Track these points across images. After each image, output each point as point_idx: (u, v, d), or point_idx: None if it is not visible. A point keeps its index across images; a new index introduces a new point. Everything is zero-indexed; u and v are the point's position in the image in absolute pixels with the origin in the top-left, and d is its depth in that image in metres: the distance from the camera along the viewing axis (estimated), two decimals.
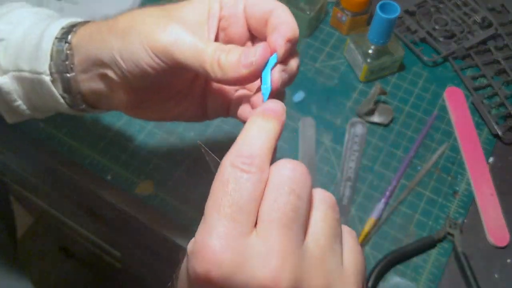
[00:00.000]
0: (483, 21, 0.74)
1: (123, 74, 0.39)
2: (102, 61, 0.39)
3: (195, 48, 0.36)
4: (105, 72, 0.40)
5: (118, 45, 0.38)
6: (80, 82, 0.42)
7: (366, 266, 0.32)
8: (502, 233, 0.58)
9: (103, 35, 0.39)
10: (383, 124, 0.66)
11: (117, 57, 0.38)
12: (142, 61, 0.37)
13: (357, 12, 0.70)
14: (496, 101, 0.68)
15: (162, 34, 0.36)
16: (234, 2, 0.39)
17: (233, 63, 0.35)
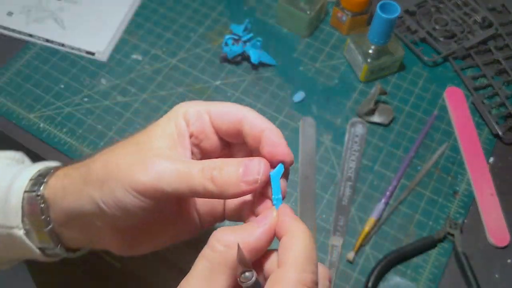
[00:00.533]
0: (483, 21, 0.74)
1: (109, 219, 0.37)
2: (83, 213, 0.37)
3: (180, 175, 0.34)
4: (88, 220, 0.38)
5: (98, 195, 0.36)
6: (59, 233, 0.40)
7: None
8: (503, 233, 0.58)
9: (78, 186, 0.37)
10: (383, 124, 0.66)
11: (100, 204, 0.36)
12: (129, 205, 0.35)
13: (357, 12, 0.70)
14: (496, 101, 0.68)
15: (143, 175, 0.34)
16: (198, 116, 0.37)
17: (232, 179, 0.33)
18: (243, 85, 0.68)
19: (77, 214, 0.38)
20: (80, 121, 0.64)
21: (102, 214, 0.36)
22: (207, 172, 0.34)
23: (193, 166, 0.34)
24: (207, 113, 0.37)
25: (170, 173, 0.34)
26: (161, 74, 0.69)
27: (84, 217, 0.38)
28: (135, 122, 0.64)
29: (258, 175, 0.33)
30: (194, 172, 0.34)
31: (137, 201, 0.35)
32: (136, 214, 0.36)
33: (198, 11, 0.75)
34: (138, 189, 0.34)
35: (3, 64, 0.68)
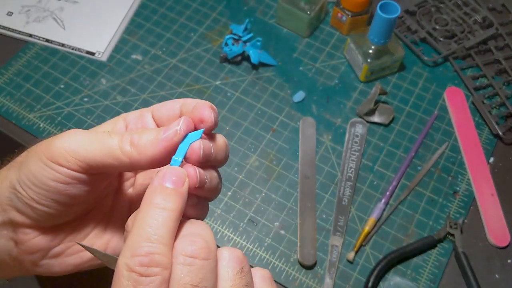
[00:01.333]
0: (483, 21, 0.74)
1: (28, 207, 0.32)
2: (2, 203, 0.33)
3: (99, 140, 0.31)
4: (7, 215, 0.34)
5: (16, 176, 0.32)
6: None
7: None
8: (503, 233, 0.58)
9: (2, 174, 0.34)
10: (383, 124, 0.65)
11: (16, 186, 0.32)
12: (45, 178, 0.31)
13: (357, 12, 0.70)
14: (496, 101, 0.68)
15: (59, 141, 0.31)
16: (139, 117, 0.36)
17: (151, 138, 0.31)
18: (243, 85, 0.68)
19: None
20: (80, 121, 0.64)
21: (17, 199, 0.33)
22: (127, 136, 0.31)
23: (113, 134, 0.32)
24: (149, 111, 0.36)
25: (86, 138, 0.31)
26: (161, 74, 0.69)
27: (2, 210, 0.34)
28: None
29: (177, 126, 0.31)
30: (113, 137, 0.31)
31: (53, 173, 0.31)
32: (57, 193, 0.32)
33: (198, 11, 0.75)
34: (52, 156, 0.31)
35: (3, 64, 0.68)
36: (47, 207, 0.32)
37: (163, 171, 0.29)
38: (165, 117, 0.35)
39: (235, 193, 0.60)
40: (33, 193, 0.32)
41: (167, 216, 0.27)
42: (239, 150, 0.63)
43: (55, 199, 0.32)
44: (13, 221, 0.33)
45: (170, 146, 0.30)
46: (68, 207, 0.33)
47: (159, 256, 0.26)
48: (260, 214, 0.59)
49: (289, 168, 0.62)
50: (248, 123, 0.65)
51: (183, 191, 0.28)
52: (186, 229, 0.28)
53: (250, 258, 0.56)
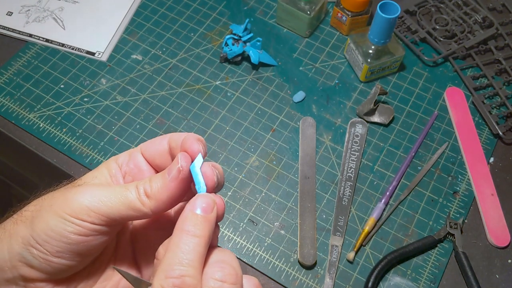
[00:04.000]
0: (483, 20, 0.74)
1: (43, 262, 0.33)
2: (12, 260, 0.33)
3: (117, 195, 0.33)
4: (18, 272, 0.33)
5: (29, 232, 0.33)
6: None
7: None
8: (503, 233, 0.58)
9: (9, 230, 0.34)
10: (383, 124, 0.65)
11: (31, 242, 0.32)
12: (67, 232, 0.32)
13: (357, 12, 0.70)
14: (496, 101, 0.68)
15: (79, 197, 0.32)
16: (129, 156, 0.38)
17: (161, 184, 0.33)
18: (243, 85, 0.68)
19: (4, 264, 0.34)
20: (80, 121, 0.64)
21: (31, 256, 0.33)
22: (140, 188, 0.33)
23: (128, 186, 0.34)
24: (138, 151, 0.38)
25: (105, 193, 0.33)
26: (161, 74, 0.69)
27: (12, 267, 0.33)
28: (135, 122, 0.64)
29: (177, 164, 0.33)
30: (131, 188, 0.33)
31: (73, 227, 0.32)
32: (71, 246, 0.32)
33: (198, 11, 0.75)
34: (73, 212, 0.32)
35: (3, 64, 0.68)
36: (65, 259, 0.33)
37: (194, 199, 0.31)
38: (156, 154, 0.37)
39: (235, 193, 0.60)
40: (51, 247, 0.32)
41: (196, 242, 0.30)
42: (239, 150, 0.63)
43: (74, 251, 0.33)
44: (25, 276, 0.33)
45: (179, 183, 0.33)
46: (85, 257, 0.34)
47: (190, 279, 0.28)
48: (260, 214, 0.59)
49: (289, 168, 0.62)
50: (248, 123, 0.65)
51: (211, 217, 0.31)
52: (215, 256, 0.31)
53: (250, 258, 0.56)
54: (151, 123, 0.64)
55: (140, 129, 0.64)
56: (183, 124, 0.64)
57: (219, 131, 0.64)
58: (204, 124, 0.65)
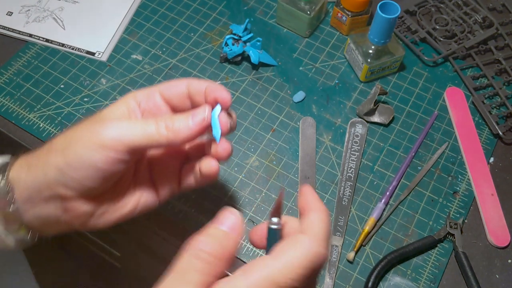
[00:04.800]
0: (483, 20, 0.74)
1: (72, 184, 0.39)
2: (47, 182, 0.40)
3: (138, 127, 0.39)
4: (53, 193, 0.40)
5: (61, 159, 0.39)
6: (23, 212, 0.41)
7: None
8: (503, 233, 0.58)
9: (41, 158, 0.40)
10: (383, 124, 0.65)
11: (63, 168, 0.39)
12: (96, 161, 0.38)
13: (357, 12, 0.70)
14: (496, 101, 0.68)
15: (105, 130, 0.39)
16: (149, 96, 0.44)
17: (183, 125, 0.40)
18: (243, 85, 0.68)
19: (41, 185, 0.40)
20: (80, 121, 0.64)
21: (65, 179, 0.39)
22: (161, 122, 0.40)
23: (148, 121, 0.40)
24: (158, 91, 0.44)
25: (128, 126, 0.39)
26: (161, 74, 0.69)
27: (48, 188, 0.40)
28: None
29: (204, 113, 0.41)
30: (150, 124, 0.40)
31: (101, 156, 0.38)
32: (101, 171, 0.39)
33: (198, 11, 0.75)
34: (102, 144, 0.38)
35: (2, 64, 0.68)
36: (93, 183, 0.39)
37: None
38: (174, 96, 0.44)
39: (235, 193, 0.60)
40: (81, 173, 0.39)
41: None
42: (239, 150, 0.63)
43: (101, 176, 0.39)
44: (61, 195, 0.40)
45: (200, 130, 0.40)
46: (110, 180, 0.40)
47: None
48: (260, 214, 0.59)
49: (289, 168, 0.62)
50: (248, 123, 0.65)
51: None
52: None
53: (250, 258, 0.56)
54: None
55: None
56: None
57: None
58: None
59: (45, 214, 0.42)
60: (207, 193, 0.60)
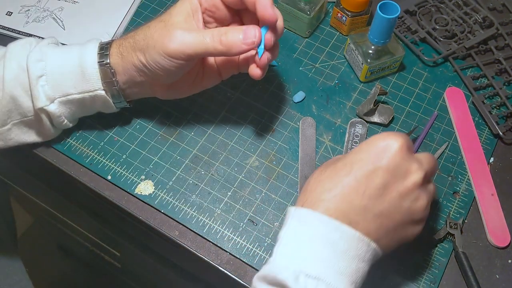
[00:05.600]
0: (484, 20, 0.74)
1: (154, 78, 0.54)
2: (137, 71, 0.54)
3: (196, 40, 0.50)
4: (141, 79, 0.55)
5: (143, 58, 0.53)
6: (124, 89, 0.57)
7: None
8: (503, 233, 0.58)
9: (129, 53, 0.54)
10: (383, 124, 0.65)
11: (146, 65, 0.53)
12: (165, 65, 0.52)
13: (357, 12, 0.70)
14: (496, 101, 0.68)
15: (171, 43, 0.50)
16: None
17: (235, 41, 0.50)
18: (243, 85, 0.68)
19: (133, 73, 0.55)
20: (80, 121, 0.64)
21: (147, 73, 0.54)
22: (216, 36, 0.50)
23: (206, 34, 0.50)
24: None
25: (189, 39, 0.50)
26: None
27: (136, 75, 0.55)
28: (135, 122, 0.64)
29: (254, 38, 0.50)
30: (207, 37, 0.50)
31: (169, 62, 0.51)
32: (171, 72, 0.52)
33: None
34: (168, 53, 0.51)
35: None
36: (165, 78, 0.54)
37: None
38: (230, 1, 0.54)
39: (235, 193, 0.60)
40: (156, 71, 0.53)
41: None
42: (239, 150, 0.63)
43: (170, 74, 0.53)
44: (147, 82, 0.56)
45: (249, 49, 0.51)
46: (179, 75, 0.55)
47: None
48: (260, 214, 0.59)
49: (289, 168, 0.62)
50: (248, 123, 0.65)
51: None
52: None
53: (250, 258, 0.56)
54: (151, 123, 0.64)
55: (140, 129, 0.64)
56: (183, 124, 0.64)
57: (219, 131, 0.64)
58: (204, 124, 0.65)
59: (136, 91, 0.58)
60: (207, 193, 0.60)
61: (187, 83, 0.58)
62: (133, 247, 0.82)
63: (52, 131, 0.59)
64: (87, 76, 0.54)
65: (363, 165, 0.44)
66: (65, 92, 0.55)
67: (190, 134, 0.64)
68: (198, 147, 0.63)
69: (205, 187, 0.60)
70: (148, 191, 0.59)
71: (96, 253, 1.04)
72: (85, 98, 0.56)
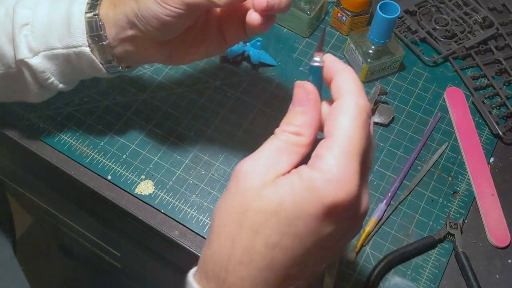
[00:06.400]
0: (484, 20, 0.74)
1: (148, 30, 0.47)
2: (129, 22, 0.47)
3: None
4: (133, 33, 0.48)
5: (136, 7, 0.46)
6: (113, 47, 0.49)
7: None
8: (503, 233, 0.58)
9: (122, 0, 0.47)
10: (383, 124, 0.65)
11: (139, 15, 0.46)
12: (159, 13, 0.44)
13: (357, 12, 0.70)
14: (496, 101, 0.68)
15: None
16: None
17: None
18: (243, 85, 0.68)
19: (124, 25, 0.48)
20: (80, 121, 0.64)
21: (139, 25, 0.46)
22: None
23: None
24: None
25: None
26: (161, 74, 0.69)
27: (130, 28, 0.47)
28: (135, 122, 0.64)
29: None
30: None
31: (164, 10, 0.44)
32: (166, 23, 0.45)
33: None
34: (168, 1, 0.44)
35: None
36: (160, 31, 0.47)
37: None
38: None
39: None
40: (150, 21, 0.45)
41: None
42: (239, 150, 0.63)
43: (166, 27, 0.46)
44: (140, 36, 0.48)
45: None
46: (175, 30, 0.48)
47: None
48: None
49: None
50: (248, 123, 0.65)
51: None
52: None
53: None
54: (151, 123, 0.64)
55: (140, 129, 0.64)
56: (183, 124, 0.64)
57: (219, 131, 0.64)
58: (204, 124, 0.65)
59: (129, 50, 0.50)
60: (207, 193, 0.60)
61: (186, 44, 0.51)
62: (133, 247, 0.82)
63: (37, 90, 0.53)
64: (72, 29, 0.48)
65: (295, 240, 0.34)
66: (50, 46, 0.49)
67: (190, 134, 0.64)
68: (198, 147, 0.63)
69: (205, 187, 0.60)
70: (148, 191, 0.59)
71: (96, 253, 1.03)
72: (70, 54, 0.49)
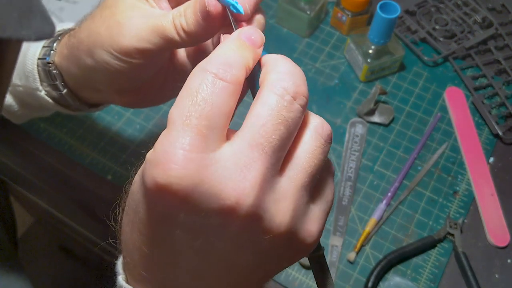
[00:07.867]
0: (483, 21, 0.74)
1: (110, 84, 0.40)
2: (86, 77, 0.41)
3: (155, 30, 0.35)
4: (94, 86, 0.42)
5: (90, 61, 0.39)
6: (75, 92, 0.44)
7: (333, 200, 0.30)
8: (503, 233, 0.58)
9: (75, 55, 0.41)
10: (383, 124, 0.65)
11: (97, 71, 0.39)
12: (119, 67, 0.38)
13: (357, 12, 0.70)
14: (496, 101, 0.68)
15: (122, 38, 0.36)
16: None
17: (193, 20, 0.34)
18: None
19: (82, 79, 0.42)
20: (80, 121, 0.64)
21: (97, 78, 0.40)
22: (177, 20, 0.35)
23: (164, 19, 0.35)
24: None
25: (146, 30, 0.35)
26: None
27: (88, 81, 0.42)
28: (135, 122, 0.64)
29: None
30: (166, 24, 0.35)
31: (123, 62, 0.37)
32: (129, 74, 0.38)
33: None
34: (122, 51, 0.36)
35: None
36: (120, 84, 0.40)
37: (240, 32, 0.29)
38: None
39: None
40: (107, 76, 0.39)
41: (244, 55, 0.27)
42: None
43: (126, 78, 0.39)
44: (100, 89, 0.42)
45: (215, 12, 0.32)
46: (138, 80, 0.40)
47: (236, 71, 0.26)
48: None
49: None
50: None
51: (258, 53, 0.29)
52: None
53: None
54: (151, 123, 0.64)
55: (140, 129, 0.64)
56: None
57: None
58: None
59: (92, 97, 0.45)
60: None
61: (154, 88, 0.43)
62: None
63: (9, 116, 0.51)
64: (27, 72, 0.44)
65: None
66: (12, 82, 0.45)
67: None
68: None
69: None
70: None
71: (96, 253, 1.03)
72: (29, 93, 0.45)
